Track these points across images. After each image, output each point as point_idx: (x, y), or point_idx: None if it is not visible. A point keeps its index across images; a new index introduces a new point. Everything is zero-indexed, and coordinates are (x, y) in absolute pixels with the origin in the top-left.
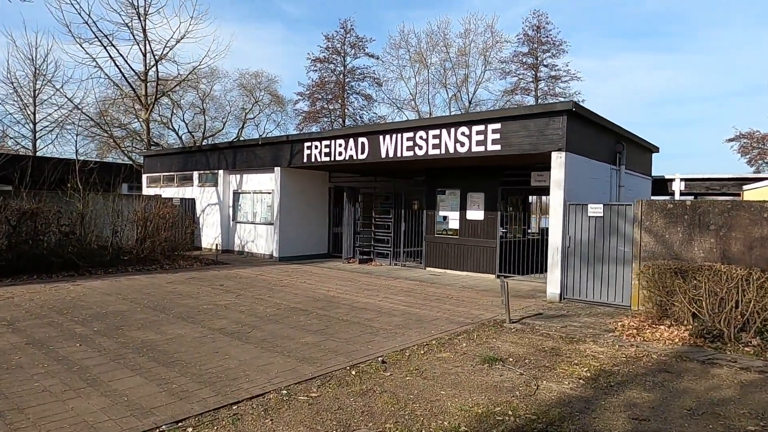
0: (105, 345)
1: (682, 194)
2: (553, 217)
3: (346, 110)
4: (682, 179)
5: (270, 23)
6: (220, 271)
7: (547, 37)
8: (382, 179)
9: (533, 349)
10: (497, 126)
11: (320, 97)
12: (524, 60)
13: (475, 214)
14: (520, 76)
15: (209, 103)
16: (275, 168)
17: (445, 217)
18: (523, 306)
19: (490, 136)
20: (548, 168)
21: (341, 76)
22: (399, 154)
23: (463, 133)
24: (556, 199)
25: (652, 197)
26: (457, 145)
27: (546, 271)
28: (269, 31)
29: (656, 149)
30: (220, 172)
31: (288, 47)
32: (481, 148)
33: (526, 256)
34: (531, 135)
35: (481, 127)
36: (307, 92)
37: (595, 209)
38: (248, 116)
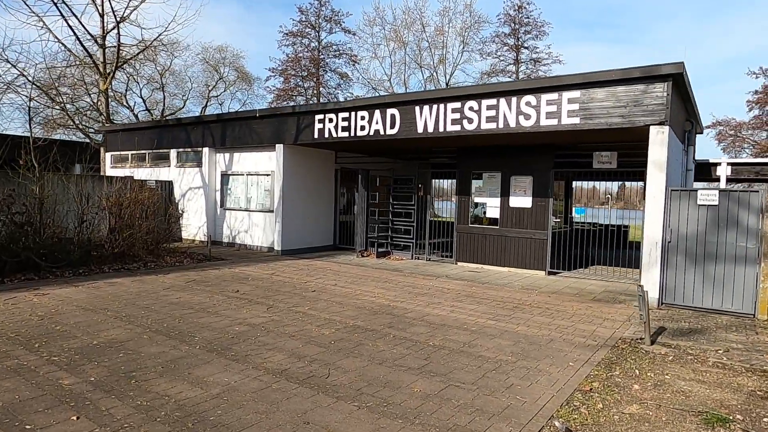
0: (121, 416)
1: (729, 180)
2: (651, 206)
3: (321, 89)
4: (728, 163)
5: None
6: (221, 270)
7: (528, 18)
8: (386, 160)
9: (738, 393)
10: (575, 94)
11: (294, 73)
12: (506, 41)
13: (521, 201)
14: (501, 58)
15: (169, 78)
16: (277, 145)
17: (477, 204)
18: (622, 315)
19: (566, 107)
20: (614, 148)
21: (316, 51)
22: (441, 129)
23: (528, 104)
24: (655, 184)
25: (695, 183)
26: (521, 117)
27: (576, 266)
28: (235, 3)
29: (700, 130)
30: (205, 150)
31: (257, 21)
32: (552, 122)
33: (572, 249)
34: (622, 105)
35: (554, 96)
36: (280, 68)
37: (708, 197)
38: (212, 94)
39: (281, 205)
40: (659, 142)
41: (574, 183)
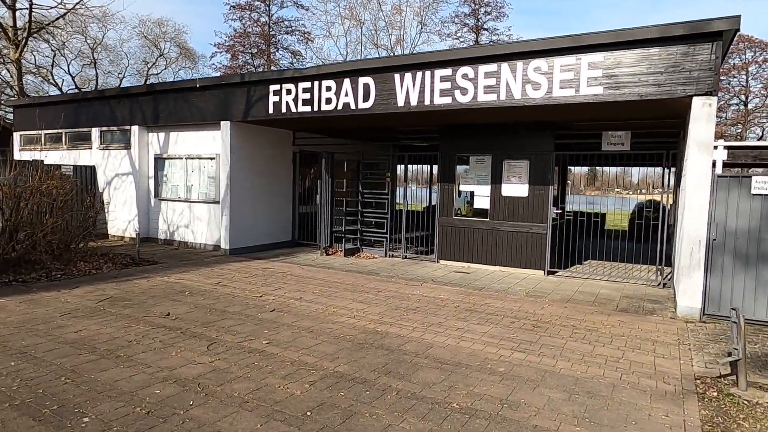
0: None
1: (725, 165)
2: (693, 197)
3: (272, 67)
4: (725, 147)
5: None
6: (150, 280)
7: None
8: (353, 142)
9: None
10: (598, 57)
11: (243, 50)
12: (465, 21)
13: (516, 189)
14: (461, 39)
15: (102, 54)
16: (222, 123)
17: (460, 193)
18: (669, 335)
19: (586, 74)
20: (627, 126)
21: (266, 27)
22: (427, 102)
23: (538, 69)
24: (698, 168)
25: None
26: (528, 87)
27: (571, 262)
28: None
29: None
30: (134, 128)
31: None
32: (568, 92)
33: (567, 244)
34: (657, 71)
35: (570, 60)
36: (227, 44)
37: (766, 184)
38: (151, 72)
39: (228, 194)
40: (705, 117)
41: (570, 168)
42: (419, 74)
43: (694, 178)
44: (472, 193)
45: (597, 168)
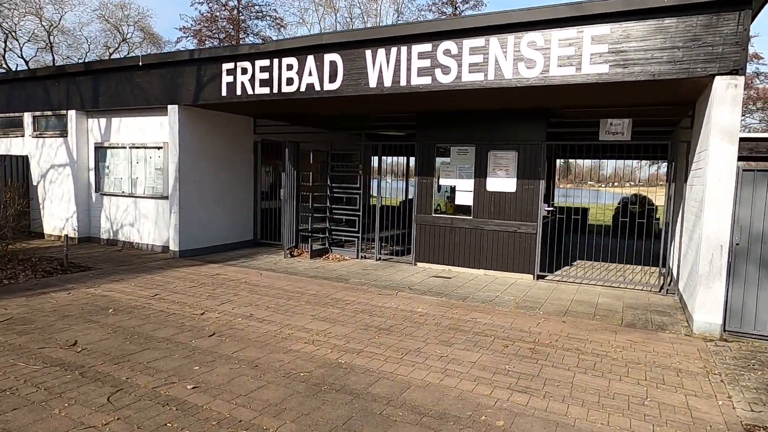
0: None
1: (740, 158)
2: (715, 193)
3: None
4: (741, 139)
5: None
6: (73, 292)
7: None
8: (321, 131)
9: None
10: (604, 30)
11: (210, 35)
12: (443, 9)
13: (502, 183)
14: None
15: (59, 37)
16: (170, 107)
17: (440, 188)
18: (693, 361)
19: (589, 49)
20: (629, 114)
21: (235, 11)
22: (403, 82)
23: (532, 44)
24: (720, 160)
25: None
26: (521, 65)
27: (559, 264)
28: None
29: None
30: (71, 113)
31: None
32: (568, 71)
33: (554, 243)
34: (673, 45)
35: (571, 33)
36: (194, 28)
37: None
38: (113, 57)
39: (177, 188)
40: (730, 101)
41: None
42: (394, 50)
43: (716, 172)
44: (453, 188)
45: (570, 161)
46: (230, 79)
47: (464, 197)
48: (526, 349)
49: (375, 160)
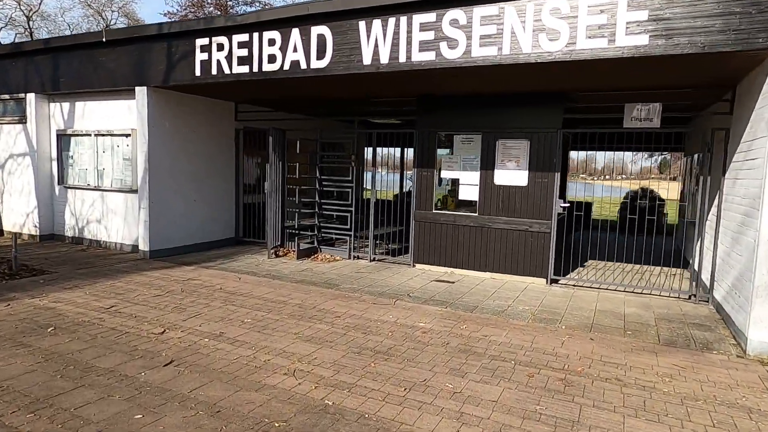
0: None
1: None
2: None
3: None
4: None
5: None
6: (13, 304)
7: None
8: (309, 117)
9: None
10: None
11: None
12: None
13: (512, 176)
14: None
15: (39, 23)
16: (137, 89)
17: (441, 180)
18: (749, 389)
19: (625, 17)
20: (652, 98)
21: None
22: (403, 59)
23: (556, 12)
24: None
25: None
26: (541, 37)
27: (574, 264)
28: None
29: None
30: (30, 97)
31: None
32: (599, 43)
33: (561, 243)
34: (728, 11)
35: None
36: (179, 13)
37: None
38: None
39: (147, 181)
40: None
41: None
42: (392, 21)
43: None
44: (456, 182)
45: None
46: (204, 56)
47: (469, 191)
48: (555, 379)
49: (368, 151)
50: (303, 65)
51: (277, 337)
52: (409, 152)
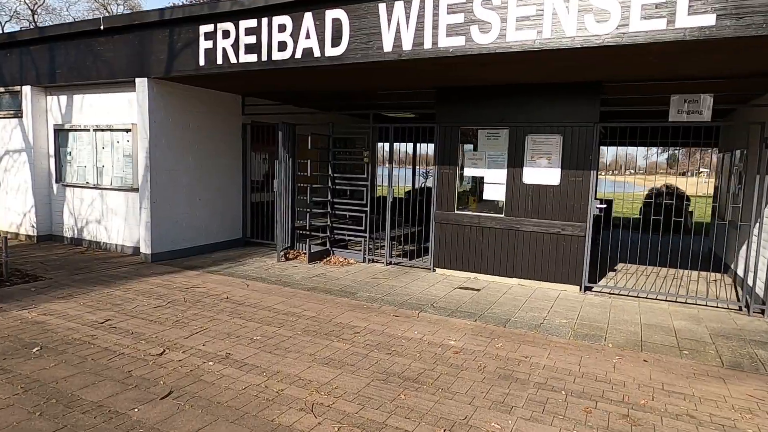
0: None
1: None
2: None
3: None
4: None
5: None
6: None
7: None
8: (320, 111)
9: None
10: None
11: None
12: None
13: (543, 175)
14: None
15: (44, 17)
16: (138, 81)
17: (462, 178)
18: None
19: None
20: (699, 88)
21: None
22: (428, 44)
23: None
24: None
25: None
26: (588, 18)
27: (603, 268)
28: None
29: None
30: (26, 89)
31: None
32: (657, 24)
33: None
34: None
35: None
36: (189, 4)
37: None
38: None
39: (148, 179)
40: None
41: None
42: (416, 2)
43: None
44: (478, 179)
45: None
46: (209, 44)
47: (494, 191)
48: (618, 416)
49: (382, 146)
50: (317, 53)
51: (291, 360)
52: (422, 148)
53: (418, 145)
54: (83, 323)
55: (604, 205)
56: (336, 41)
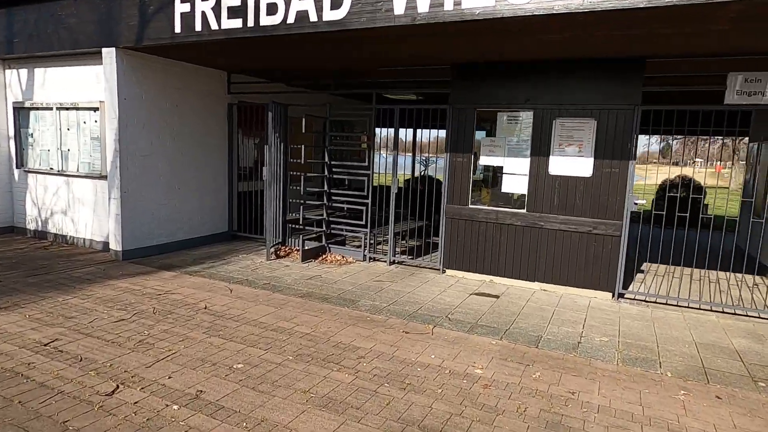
0: None
1: None
2: None
3: None
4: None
5: None
6: None
7: None
8: (315, 91)
9: None
10: None
11: None
12: None
13: (572, 165)
14: None
15: None
16: (104, 51)
17: (476, 168)
18: None
19: None
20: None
21: None
22: (449, 5)
23: None
24: None
25: None
26: None
27: (631, 270)
28: None
29: None
30: None
31: None
32: None
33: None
34: None
35: None
36: None
37: None
38: None
39: (118, 165)
40: None
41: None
42: None
43: None
44: (498, 170)
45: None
46: (186, 7)
47: (514, 183)
48: None
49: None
50: (313, 17)
51: (279, 400)
52: (423, 134)
53: (418, 130)
54: (23, 345)
55: (644, 201)
56: (336, 2)
